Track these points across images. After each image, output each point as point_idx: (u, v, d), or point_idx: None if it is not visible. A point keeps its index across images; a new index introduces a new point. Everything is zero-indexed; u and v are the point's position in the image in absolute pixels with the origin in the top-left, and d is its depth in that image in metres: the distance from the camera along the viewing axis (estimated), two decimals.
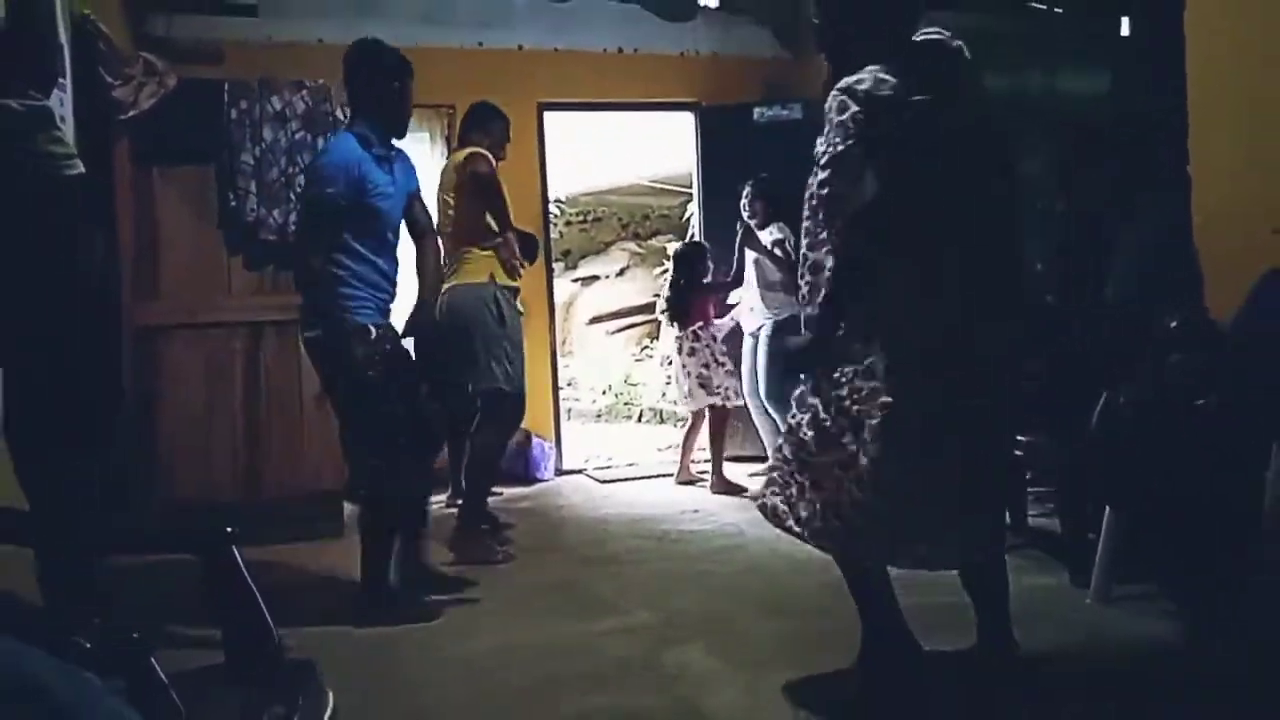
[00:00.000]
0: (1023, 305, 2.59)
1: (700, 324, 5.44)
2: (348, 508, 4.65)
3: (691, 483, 5.54)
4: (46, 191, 2.09)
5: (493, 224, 4.31)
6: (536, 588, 3.83)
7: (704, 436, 5.52)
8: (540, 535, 4.61)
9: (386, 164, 3.57)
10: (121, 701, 0.98)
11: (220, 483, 4.58)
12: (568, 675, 2.95)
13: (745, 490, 5.17)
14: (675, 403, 6.55)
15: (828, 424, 2.45)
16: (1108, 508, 3.31)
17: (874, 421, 2.36)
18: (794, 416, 2.58)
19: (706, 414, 5.43)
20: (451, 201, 4.40)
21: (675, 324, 5.49)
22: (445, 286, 4.20)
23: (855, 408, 2.41)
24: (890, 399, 2.34)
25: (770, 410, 5.29)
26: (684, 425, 5.80)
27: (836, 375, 2.44)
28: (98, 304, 2.23)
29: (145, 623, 1.50)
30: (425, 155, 5.94)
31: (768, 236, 5.36)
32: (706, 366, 5.37)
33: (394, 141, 3.65)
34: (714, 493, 5.30)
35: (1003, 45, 6.34)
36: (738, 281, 5.50)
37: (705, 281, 5.50)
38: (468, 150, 4.41)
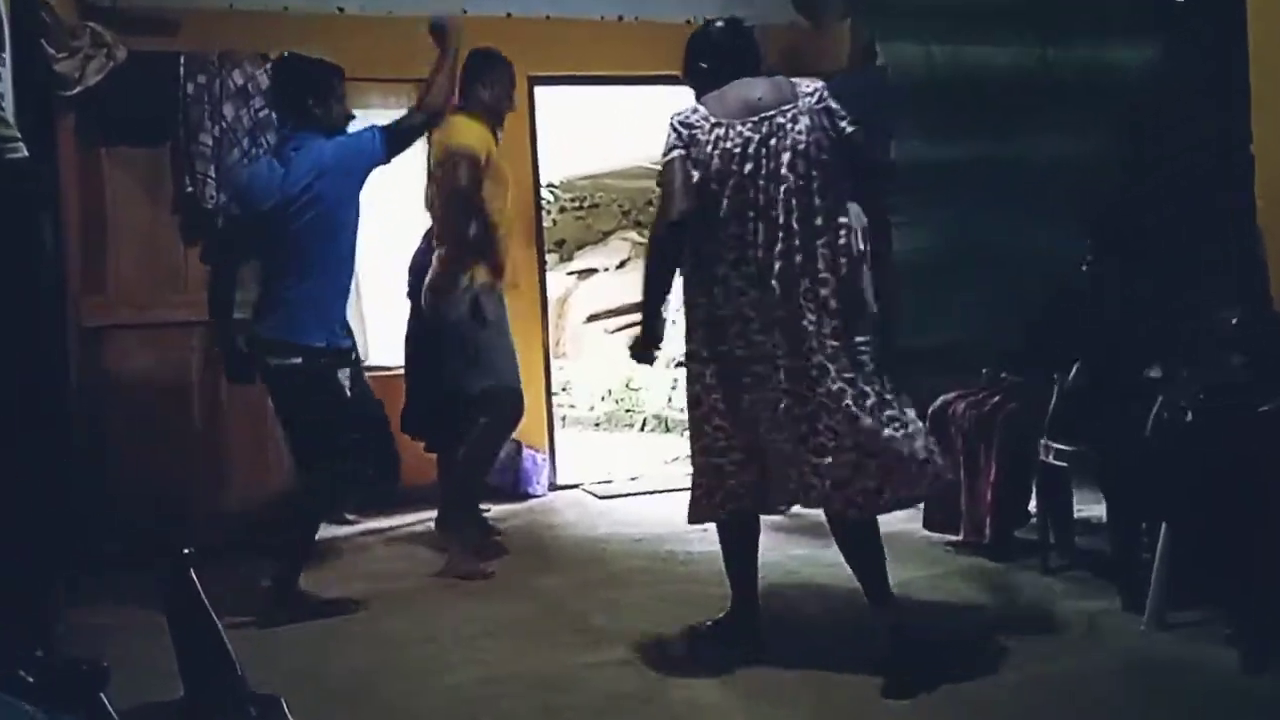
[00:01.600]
0: (850, 289, 3.11)
1: None
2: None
3: None
4: None
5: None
6: (527, 614, 3.83)
7: None
8: (532, 556, 4.60)
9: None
10: None
11: (176, 496, 4.58)
12: (561, 710, 2.95)
13: None
14: (684, 410, 6.55)
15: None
16: (1163, 525, 3.30)
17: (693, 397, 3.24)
18: None
19: None
20: (436, 184, 4.45)
21: None
22: (426, 282, 4.31)
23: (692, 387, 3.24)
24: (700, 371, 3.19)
25: None
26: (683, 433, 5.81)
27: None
28: (45, 298, 2.23)
29: (95, 652, 1.50)
30: None
31: None
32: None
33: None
34: None
35: (1043, 12, 6.35)
36: None
37: None
38: (456, 142, 4.32)
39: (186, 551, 1.78)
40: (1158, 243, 4.35)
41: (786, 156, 3.08)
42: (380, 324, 5.78)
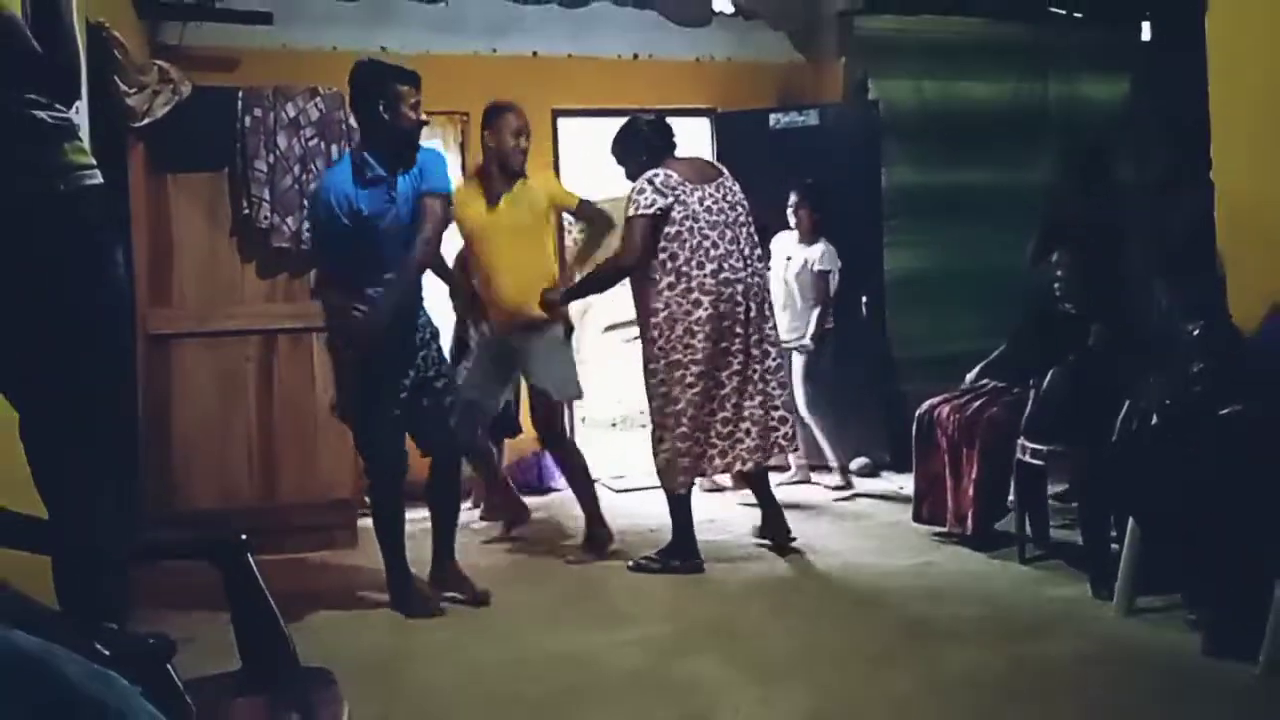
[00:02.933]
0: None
1: None
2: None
3: (719, 490, 5.56)
4: (71, 202, 2.12)
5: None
6: (550, 598, 3.84)
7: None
8: (553, 545, 4.61)
9: (381, 185, 3.62)
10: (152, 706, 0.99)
11: (234, 491, 4.61)
12: (581, 686, 2.96)
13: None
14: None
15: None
16: (1130, 518, 3.30)
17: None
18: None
19: None
20: None
21: None
22: None
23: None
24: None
25: (809, 420, 5.35)
26: None
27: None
28: (121, 313, 2.25)
29: (161, 629, 1.52)
30: None
31: (815, 257, 5.37)
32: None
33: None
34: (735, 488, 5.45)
35: (1023, 51, 6.36)
36: None
37: None
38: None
39: (244, 538, 1.79)
40: (1125, 260, 4.36)
41: (740, 210, 4.13)
42: None
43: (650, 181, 3.98)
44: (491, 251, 4.34)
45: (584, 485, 4.50)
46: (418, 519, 3.97)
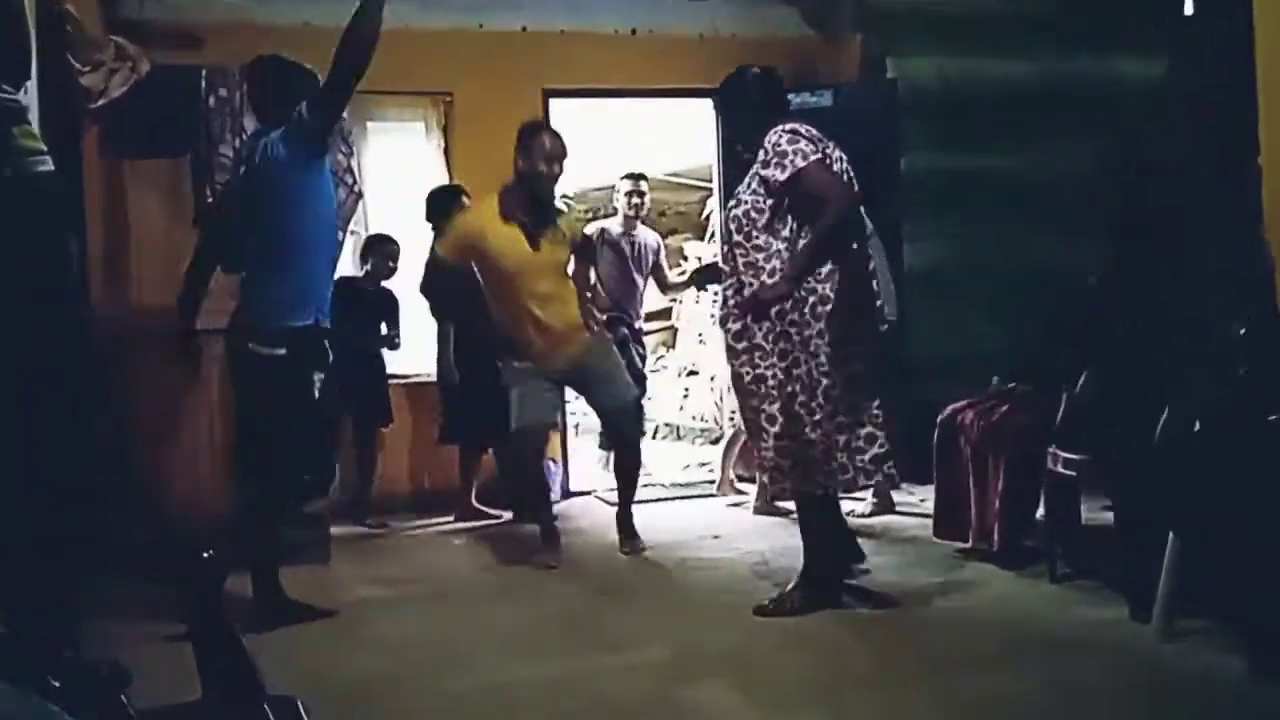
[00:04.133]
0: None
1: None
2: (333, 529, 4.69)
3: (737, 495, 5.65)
4: (20, 190, 2.12)
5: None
6: (538, 620, 3.83)
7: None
8: (539, 564, 4.60)
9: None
10: None
11: (196, 501, 4.58)
12: (574, 713, 2.95)
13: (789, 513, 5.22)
14: (696, 417, 6.58)
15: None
16: (1171, 535, 3.29)
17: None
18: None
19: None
20: None
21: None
22: None
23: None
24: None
25: None
26: (703, 442, 5.84)
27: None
28: (76, 302, 2.25)
29: (116, 656, 1.51)
30: (418, 148, 5.97)
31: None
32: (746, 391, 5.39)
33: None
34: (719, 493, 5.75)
35: (1051, 27, 6.35)
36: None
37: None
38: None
39: (205, 555, 1.78)
40: (1166, 253, 4.34)
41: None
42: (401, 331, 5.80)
43: (793, 132, 3.61)
44: (533, 288, 4.50)
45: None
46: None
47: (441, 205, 5.24)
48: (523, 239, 4.47)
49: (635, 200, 6.13)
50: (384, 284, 5.49)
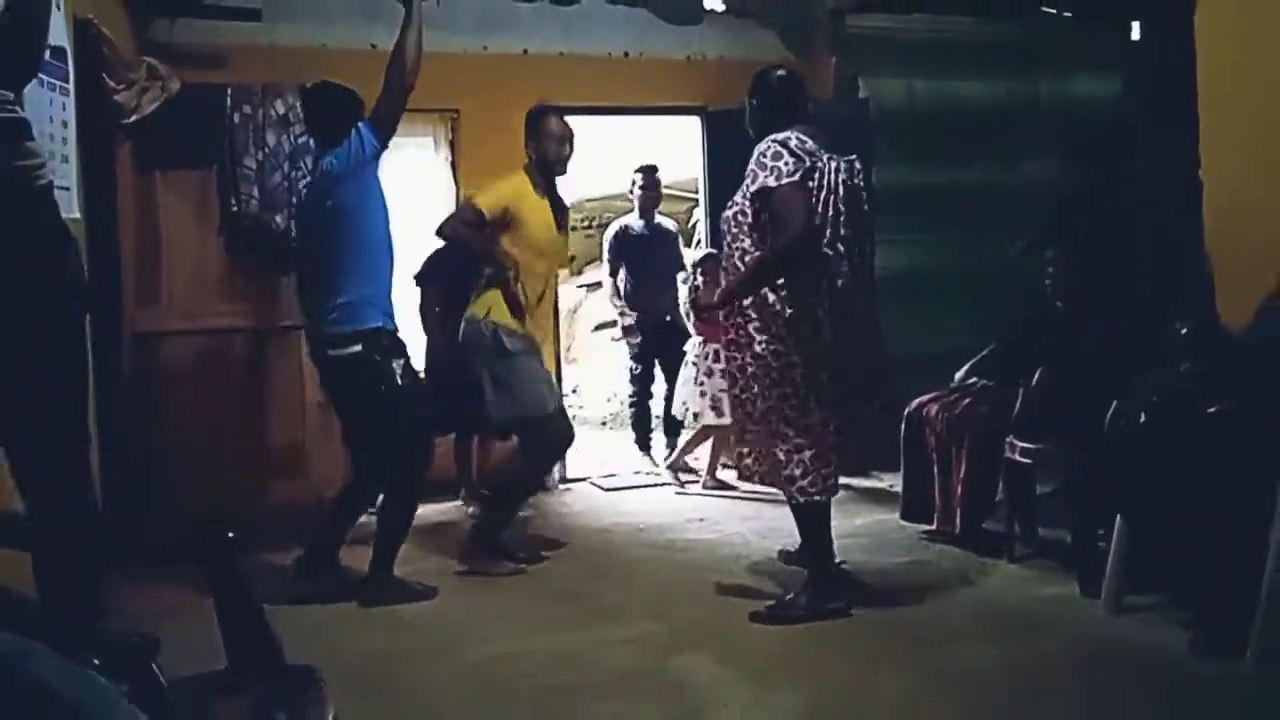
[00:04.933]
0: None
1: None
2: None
3: (685, 474, 5.71)
4: (19, 202, 2.10)
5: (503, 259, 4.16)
6: (541, 597, 3.84)
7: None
8: (544, 545, 4.61)
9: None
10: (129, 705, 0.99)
11: (221, 492, 4.59)
12: (573, 684, 2.96)
13: (736, 489, 5.35)
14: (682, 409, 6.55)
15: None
16: (1118, 516, 3.31)
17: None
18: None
19: (713, 431, 5.52)
20: None
21: (700, 334, 5.53)
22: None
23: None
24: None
25: None
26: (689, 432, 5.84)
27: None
28: (80, 309, 2.24)
29: (146, 628, 1.51)
30: (427, 161, 5.97)
31: None
32: (722, 390, 5.39)
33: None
34: (704, 488, 5.57)
35: (1014, 51, 6.37)
36: None
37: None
38: (470, 193, 4.39)
39: (230, 536, 1.79)
40: (1116, 259, 4.36)
41: (862, 191, 3.49)
42: (403, 328, 5.79)
43: (782, 144, 3.41)
44: (549, 268, 4.39)
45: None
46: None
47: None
48: (551, 217, 4.30)
49: (649, 192, 6.07)
50: None
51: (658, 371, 6.12)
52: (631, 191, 6.23)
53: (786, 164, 3.36)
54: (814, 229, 3.35)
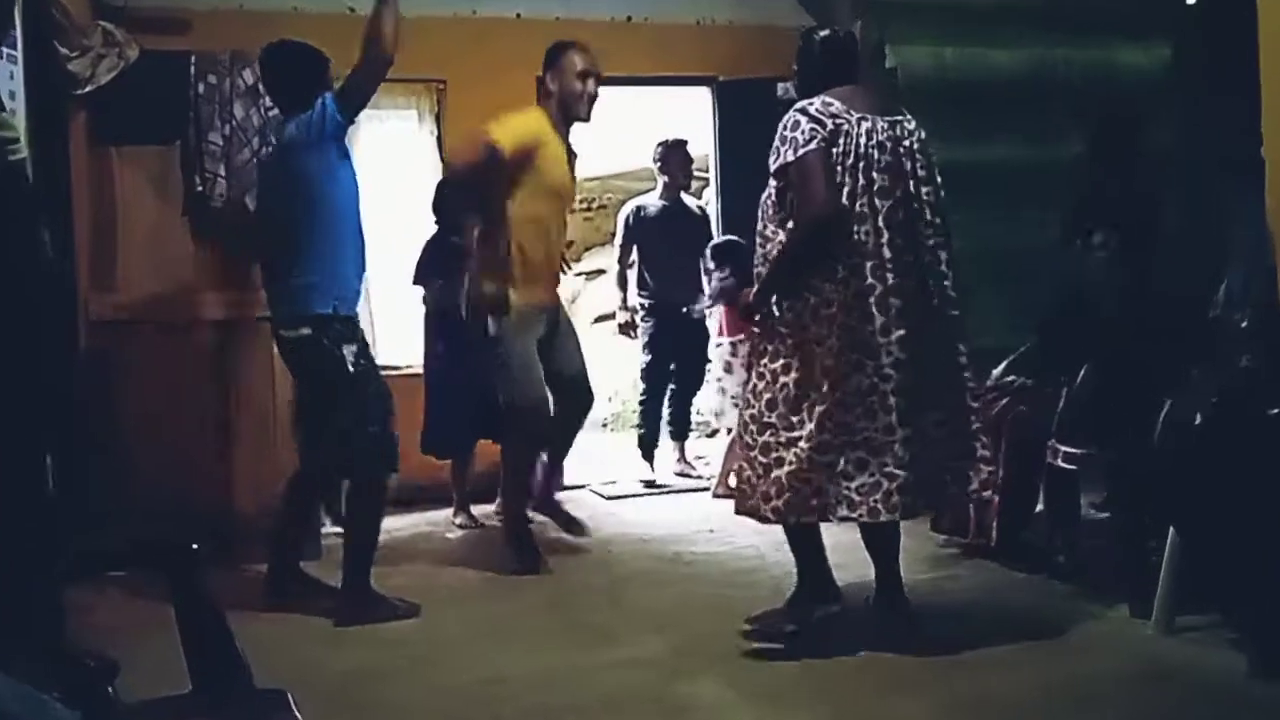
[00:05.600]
0: None
1: (741, 338, 5.44)
2: (326, 526, 4.69)
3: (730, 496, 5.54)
4: None
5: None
6: (531, 614, 3.83)
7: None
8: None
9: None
10: None
11: (184, 495, 4.58)
12: (566, 708, 2.96)
13: None
14: (696, 411, 6.54)
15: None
16: (1171, 529, 3.30)
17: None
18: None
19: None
20: None
21: (728, 332, 5.52)
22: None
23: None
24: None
25: None
26: (698, 435, 5.85)
27: None
28: (48, 294, 2.24)
29: (104, 647, 1.51)
30: (410, 136, 5.97)
31: None
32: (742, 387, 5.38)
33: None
34: (714, 496, 5.48)
35: (1053, 16, 6.35)
36: None
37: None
38: (487, 128, 4.10)
39: (194, 547, 1.79)
40: (1169, 244, 4.35)
41: (919, 158, 3.30)
42: (390, 322, 5.80)
43: (802, 111, 3.24)
44: (558, 217, 4.28)
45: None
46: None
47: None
48: (566, 162, 4.24)
49: (676, 171, 6.00)
50: None
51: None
52: (660, 168, 6.11)
53: (804, 132, 3.18)
54: (839, 201, 3.15)
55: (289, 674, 2.68)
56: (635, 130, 7.70)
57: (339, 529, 4.34)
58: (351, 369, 3.75)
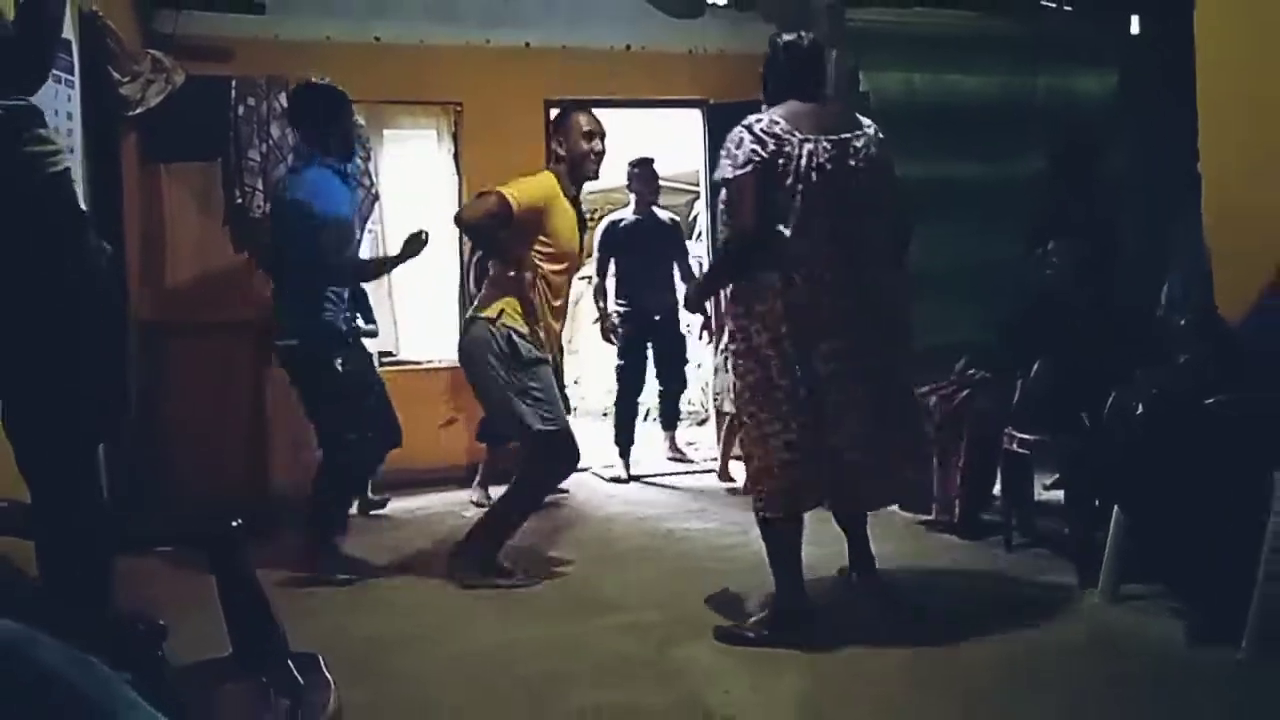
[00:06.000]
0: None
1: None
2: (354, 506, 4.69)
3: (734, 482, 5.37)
4: (32, 190, 2.09)
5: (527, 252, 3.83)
6: (538, 586, 3.83)
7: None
8: (544, 534, 4.60)
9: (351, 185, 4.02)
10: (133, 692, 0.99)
11: (226, 482, 4.59)
12: (572, 671, 2.96)
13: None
14: (686, 400, 6.53)
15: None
16: (1116, 506, 3.31)
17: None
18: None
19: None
20: None
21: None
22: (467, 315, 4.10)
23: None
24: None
25: None
26: (689, 423, 5.84)
27: None
28: (97, 298, 2.23)
29: (151, 615, 1.51)
30: (430, 154, 5.96)
31: None
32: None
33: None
34: (720, 479, 5.47)
35: (1013, 45, 6.34)
36: None
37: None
38: (498, 186, 3.84)
39: (235, 524, 1.79)
40: (1116, 253, 4.36)
41: (864, 177, 3.08)
42: (412, 320, 5.80)
43: (748, 128, 3.07)
44: (564, 279, 4.00)
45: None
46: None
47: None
48: (576, 224, 3.99)
49: (644, 185, 5.95)
50: None
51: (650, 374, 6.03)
52: (629, 185, 6.13)
53: (744, 151, 3.01)
54: (759, 225, 2.98)
55: (312, 639, 2.69)
56: (633, 148, 7.70)
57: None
58: (342, 373, 3.86)
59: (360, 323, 4.89)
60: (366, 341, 4.96)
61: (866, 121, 3.19)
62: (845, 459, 3.05)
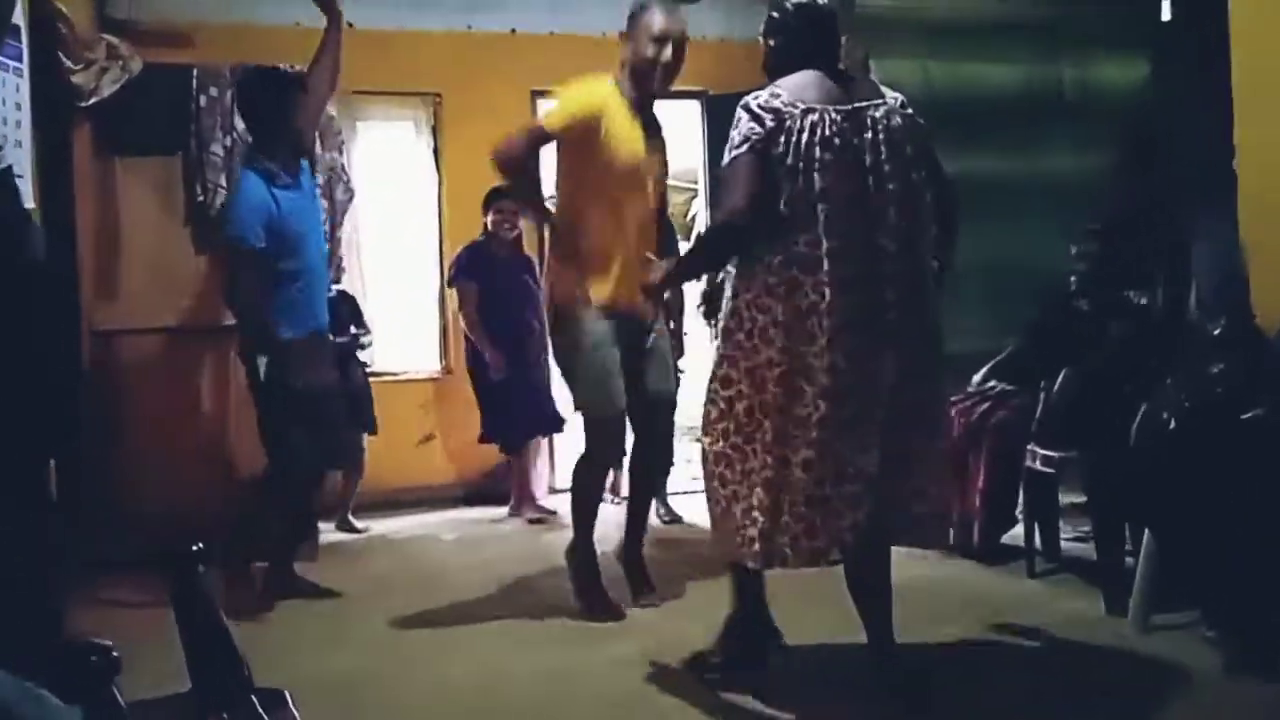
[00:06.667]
0: None
1: None
2: (321, 530, 4.69)
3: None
4: None
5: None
6: (527, 613, 3.82)
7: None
8: (531, 559, 4.60)
9: (294, 185, 3.90)
10: None
11: (186, 499, 4.58)
12: (560, 704, 2.95)
13: None
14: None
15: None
16: (1147, 529, 3.31)
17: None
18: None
19: None
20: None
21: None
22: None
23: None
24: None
25: None
26: (688, 439, 5.81)
27: None
28: (43, 304, 2.23)
29: (105, 646, 1.50)
30: (409, 145, 5.97)
31: None
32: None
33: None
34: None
35: (1035, 32, 6.38)
36: None
37: None
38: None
39: (195, 549, 1.78)
40: (1146, 255, 4.36)
41: (894, 152, 2.76)
42: (386, 328, 5.79)
43: (744, 107, 2.82)
44: (636, 201, 3.57)
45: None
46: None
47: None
48: (640, 134, 3.61)
49: None
50: (338, 287, 5.19)
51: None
52: None
53: (740, 131, 2.76)
54: (750, 208, 2.71)
55: (286, 670, 2.69)
56: None
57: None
58: (287, 383, 3.86)
59: (354, 330, 5.02)
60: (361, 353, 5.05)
61: (889, 91, 2.90)
62: (855, 502, 2.70)
